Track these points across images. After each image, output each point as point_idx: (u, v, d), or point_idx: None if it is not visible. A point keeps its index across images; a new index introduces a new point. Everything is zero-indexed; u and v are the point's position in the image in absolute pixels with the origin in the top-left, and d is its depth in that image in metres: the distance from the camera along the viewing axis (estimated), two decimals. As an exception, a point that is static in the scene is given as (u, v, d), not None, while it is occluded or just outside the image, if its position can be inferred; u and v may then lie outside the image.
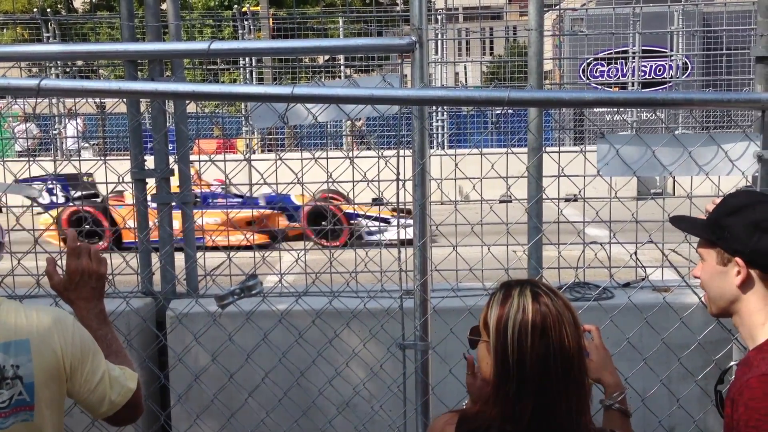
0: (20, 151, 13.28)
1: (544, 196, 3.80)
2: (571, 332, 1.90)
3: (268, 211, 10.10)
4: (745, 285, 1.95)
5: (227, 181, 4.06)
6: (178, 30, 4.07)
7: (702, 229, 2.05)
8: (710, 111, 16.08)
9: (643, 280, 4.14)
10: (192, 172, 4.13)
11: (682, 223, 2.16)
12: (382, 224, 9.54)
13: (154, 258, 4.06)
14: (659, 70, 18.74)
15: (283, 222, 10.81)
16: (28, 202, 3.48)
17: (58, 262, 2.35)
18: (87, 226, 4.91)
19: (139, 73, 3.97)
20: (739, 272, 1.94)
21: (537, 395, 1.87)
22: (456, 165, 3.97)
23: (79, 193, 9.05)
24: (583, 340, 1.96)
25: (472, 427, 1.93)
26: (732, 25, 16.10)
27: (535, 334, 1.88)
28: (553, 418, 1.88)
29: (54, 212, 8.91)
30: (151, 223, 3.99)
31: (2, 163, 3.71)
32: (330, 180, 3.84)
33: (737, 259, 1.94)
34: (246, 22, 18.43)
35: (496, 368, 1.93)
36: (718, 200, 2.12)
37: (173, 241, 4.04)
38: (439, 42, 18.40)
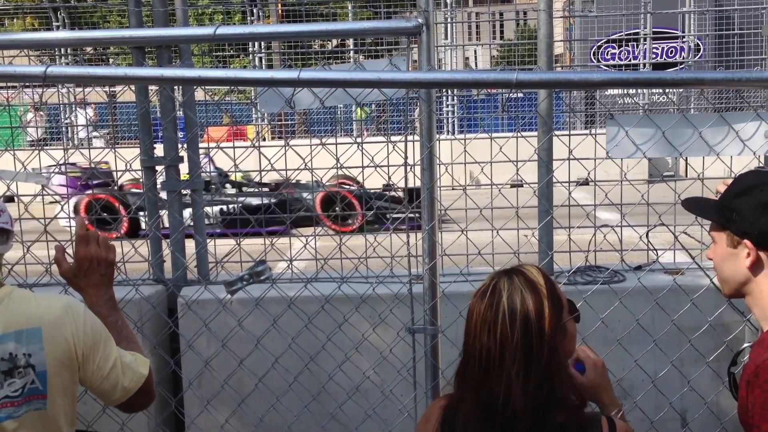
0: (31, 141, 13.32)
1: (554, 180, 3.77)
2: (528, 328, 1.92)
3: None
4: (756, 267, 1.93)
5: (236, 167, 4.06)
6: (185, 15, 4.05)
7: (712, 211, 2.03)
8: (723, 92, 15.95)
9: (654, 262, 4.12)
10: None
11: (693, 206, 2.14)
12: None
13: (165, 245, 4.07)
14: (671, 52, 18.59)
15: None
16: (38, 189, 3.48)
17: (68, 250, 2.35)
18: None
19: (149, 62, 3.96)
20: (749, 254, 1.93)
21: (486, 382, 1.94)
22: (465, 149, 3.94)
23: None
24: (555, 329, 1.95)
25: (452, 403, 2.06)
26: (744, 4, 15.93)
27: (483, 328, 1.96)
28: (508, 404, 1.91)
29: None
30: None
31: (13, 152, 3.71)
32: (339, 165, 3.83)
33: (746, 241, 1.92)
34: (255, 9, 18.37)
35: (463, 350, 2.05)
36: (729, 181, 2.09)
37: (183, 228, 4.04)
38: (449, 26, 18.31)
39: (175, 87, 4.06)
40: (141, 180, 4.07)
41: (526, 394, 1.90)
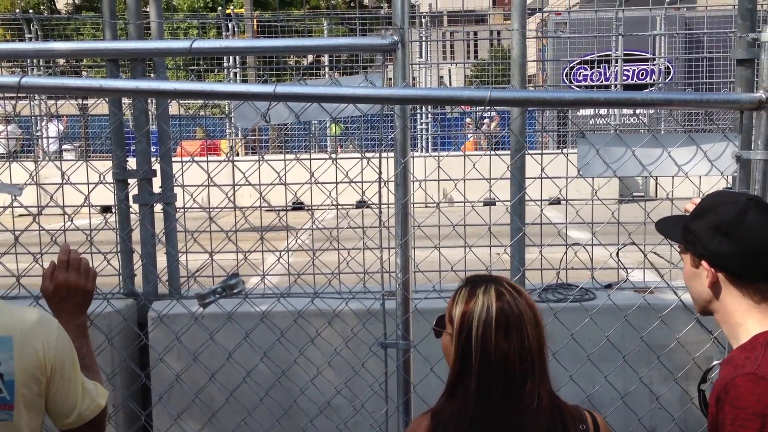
0: (2, 154, 13.15)
1: (526, 198, 3.81)
2: (532, 331, 1.98)
3: None
4: (715, 287, 1.97)
5: (209, 181, 4.05)
6: (160, 29, 4.05)
7: (677, 232, 2.07)
8: (692, 114, 16.19)
9: (624, 281, 4.17)
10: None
11: (663, 226, 2.18)
12: None
13: (136, 258, 4.04)
14: (642, 74, 18.85)
15: None
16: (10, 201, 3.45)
17: (42, 262, 2.32)
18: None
19: (123, 75, 3.95)
20: (708, 275, 1.96)
21: (502, 391, 1.96)
22: (438, 165, 3.98)
23: None
24: (544, 338, 2.03)
25: (443, 417, 2.03)
26: (713, 29, 16.22)
27: (499, 334, 1.96)
28: (518, 411, 1.96)
29: None
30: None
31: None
32: (313, 181, 3.84)
33: (703, 262, 1.96)
34: (230, 24, 18.37)
35: (456, 362, 2.02)
36: (697, 200, 2.13)
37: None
38: (424, 45, 18.44)
39: (150, 100, 4.05)
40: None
41: (547, 386, 2.00)
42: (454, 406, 2.02)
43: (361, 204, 4.05)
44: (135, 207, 4.01)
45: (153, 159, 4.04)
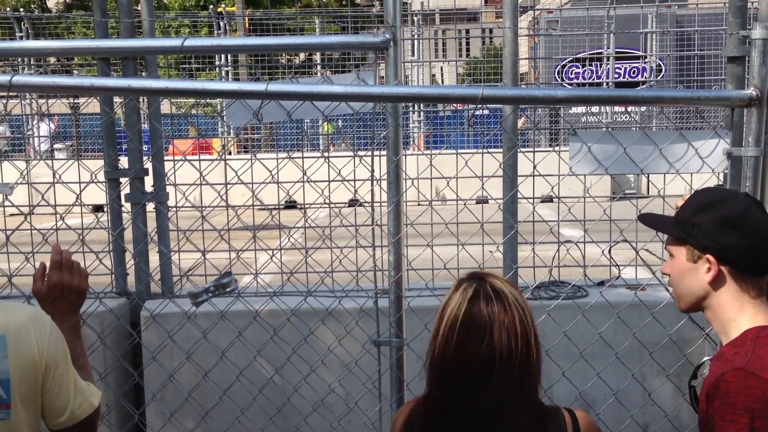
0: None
1: (519, 196, 3.82)
2: (502, 335, 1.94)
3: None
4: (717, 281, 1.97)
5: (202, 180, 4.04)
6: (151, 27, 4.04)
7: (672, 226, 2.07)
8: (683, 112, 16.24)
9: (616, 278, 4.18)
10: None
11: (651, 221, 2.18)
12: None
13: (128, 257, 4.03)
14: (633, 72, 18.90)
15: None
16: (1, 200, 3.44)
17: (32, 261, 2.32)
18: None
19: (114, 74, 3.93)
20: (709, 269, 1.96)
21: (459, 392, 1.97)
22: (431, 163, 3.98)
23: None
24: (533, 344, 1.99)
25: (417, 410, 2.09)
26: (704, 26, 16.27)
27: (461, 333, 1.96)
28: (487, 413, 1.96)
29: None
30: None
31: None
32: (305, 179, 3.84)
33: (708, 255, 1.96)
34: (222, 23, 18.35)
35: (427, 357, 2.05)
36: (688, 197, 2.14)
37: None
38: (416, 43, 18.45)
39: (141, 98, 4.03)
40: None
41: (522, 396, 1.97)
42: (422, 400, 2.08)
43: (354, 202, 4.04)
44: (127, 206, 3.99)
45: (145, 158, 4.03)
